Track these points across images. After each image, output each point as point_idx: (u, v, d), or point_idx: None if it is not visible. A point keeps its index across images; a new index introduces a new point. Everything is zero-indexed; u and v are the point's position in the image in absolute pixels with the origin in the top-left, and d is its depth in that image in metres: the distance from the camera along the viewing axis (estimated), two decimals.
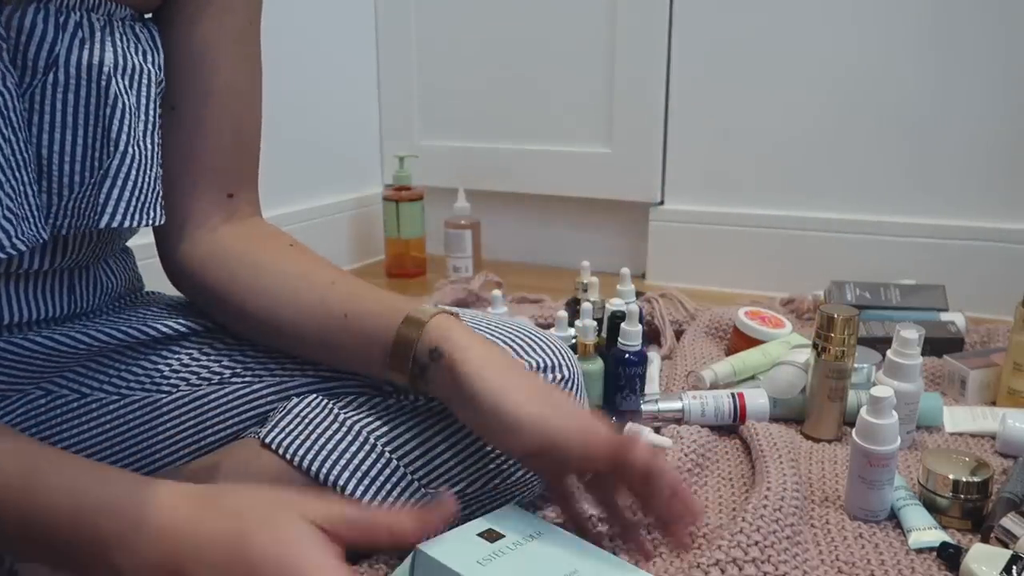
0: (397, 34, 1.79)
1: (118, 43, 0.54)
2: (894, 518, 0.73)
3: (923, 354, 0.87)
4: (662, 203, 1.62)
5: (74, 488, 0.45)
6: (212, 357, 0.66)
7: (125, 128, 0.54)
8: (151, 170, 0.57)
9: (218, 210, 0.66)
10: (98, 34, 0.53)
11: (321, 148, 1.69)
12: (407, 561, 0.51)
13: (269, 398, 0.66)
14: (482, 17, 1.70)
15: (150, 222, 0.57)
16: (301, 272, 0.64)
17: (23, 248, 0.49)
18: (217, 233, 0.66)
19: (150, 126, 0.57)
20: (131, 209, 0.55)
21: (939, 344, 1.09)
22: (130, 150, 0.54)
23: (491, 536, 0.51)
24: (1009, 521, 0.68)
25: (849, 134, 1.43)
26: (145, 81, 0.56)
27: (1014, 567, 0.61)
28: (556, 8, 1.62)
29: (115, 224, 0.54)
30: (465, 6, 1.71)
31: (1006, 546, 0.67)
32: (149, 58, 0.57)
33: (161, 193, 0.59)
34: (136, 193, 0.55)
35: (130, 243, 0.71)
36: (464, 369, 0.54)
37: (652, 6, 1.52)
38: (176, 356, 0.65)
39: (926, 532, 0.69)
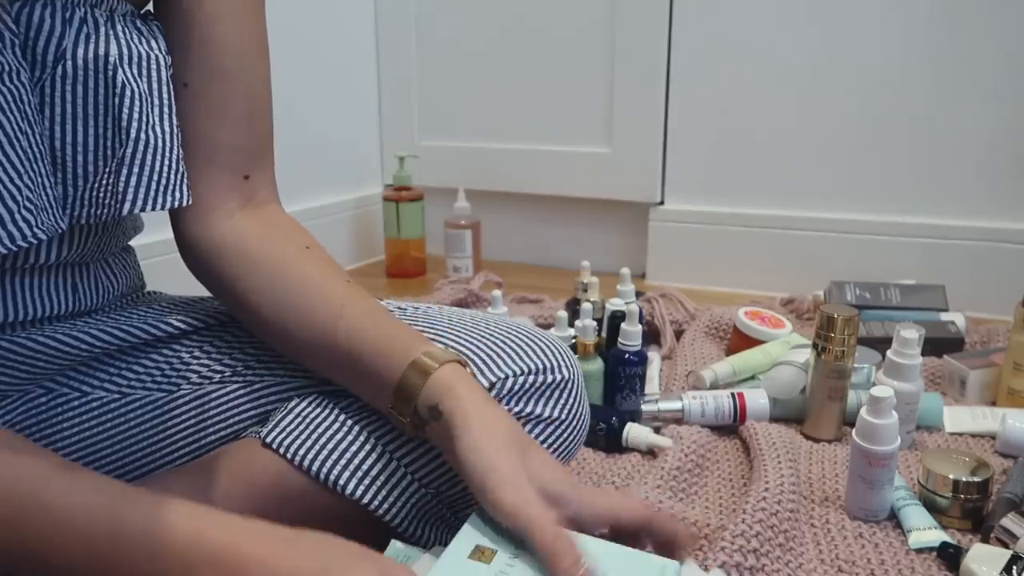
0: (397, 34, 1.79)
1: (121, 35, 0.55)
2: (894, 518, 0.73)
3: (923, 354, 0.87)
4: (662, 203, 1.62)
5: (157, 524, 0.45)
6: (213, 356, 0.66)
7: (136, 116, 0.54)
8: (170, 153, 0.57)
9: (235, 193, 0.64)
10: (102, 28, 0.54)
11: (321, 148, 1.69)
12: None
13: (270, 397, 0.66)
14: (482, 17, 1.70)
15: (175, 204, 0.57)
16: (314, 288, 0.62)
17: (43, 238, 0.50)
18: (234, 219, 0.64)
19: (165, 109, 0.57)
20: (151, 193, 0.56)
21: (939, 344, 1.09)
22: (142, 136, 0.55)
23: (483, 555, 0.49)
24: (1009, 521, 0.68)
25: (849, 134, 1.43)
26: (154, 66, 0.57)
27: (1014, 567, 0.61)
28: (556, 8, 1.62)
29: (137, 210, 0.55)
30: (465, 6, 1.71)
31: (1006, 546, 0.67)
32: (155, 44, 0.58)
33: (185, 174, 0.59)
34: (155, 177, 0.56)
35: (131, 242, 0.71)
36: (461, 442, 0.53)
37: (652, 6, 1.52)
38: (177, 355, 0.65)
39: (926, 532, 0.70)
